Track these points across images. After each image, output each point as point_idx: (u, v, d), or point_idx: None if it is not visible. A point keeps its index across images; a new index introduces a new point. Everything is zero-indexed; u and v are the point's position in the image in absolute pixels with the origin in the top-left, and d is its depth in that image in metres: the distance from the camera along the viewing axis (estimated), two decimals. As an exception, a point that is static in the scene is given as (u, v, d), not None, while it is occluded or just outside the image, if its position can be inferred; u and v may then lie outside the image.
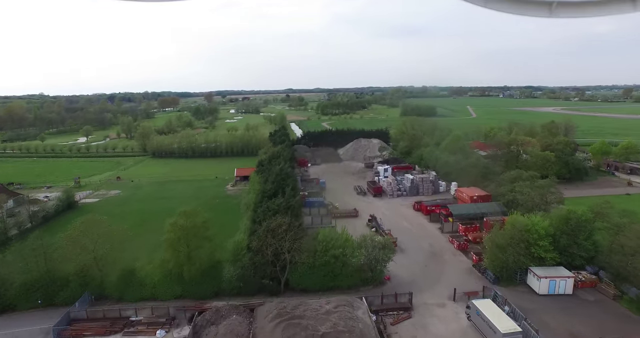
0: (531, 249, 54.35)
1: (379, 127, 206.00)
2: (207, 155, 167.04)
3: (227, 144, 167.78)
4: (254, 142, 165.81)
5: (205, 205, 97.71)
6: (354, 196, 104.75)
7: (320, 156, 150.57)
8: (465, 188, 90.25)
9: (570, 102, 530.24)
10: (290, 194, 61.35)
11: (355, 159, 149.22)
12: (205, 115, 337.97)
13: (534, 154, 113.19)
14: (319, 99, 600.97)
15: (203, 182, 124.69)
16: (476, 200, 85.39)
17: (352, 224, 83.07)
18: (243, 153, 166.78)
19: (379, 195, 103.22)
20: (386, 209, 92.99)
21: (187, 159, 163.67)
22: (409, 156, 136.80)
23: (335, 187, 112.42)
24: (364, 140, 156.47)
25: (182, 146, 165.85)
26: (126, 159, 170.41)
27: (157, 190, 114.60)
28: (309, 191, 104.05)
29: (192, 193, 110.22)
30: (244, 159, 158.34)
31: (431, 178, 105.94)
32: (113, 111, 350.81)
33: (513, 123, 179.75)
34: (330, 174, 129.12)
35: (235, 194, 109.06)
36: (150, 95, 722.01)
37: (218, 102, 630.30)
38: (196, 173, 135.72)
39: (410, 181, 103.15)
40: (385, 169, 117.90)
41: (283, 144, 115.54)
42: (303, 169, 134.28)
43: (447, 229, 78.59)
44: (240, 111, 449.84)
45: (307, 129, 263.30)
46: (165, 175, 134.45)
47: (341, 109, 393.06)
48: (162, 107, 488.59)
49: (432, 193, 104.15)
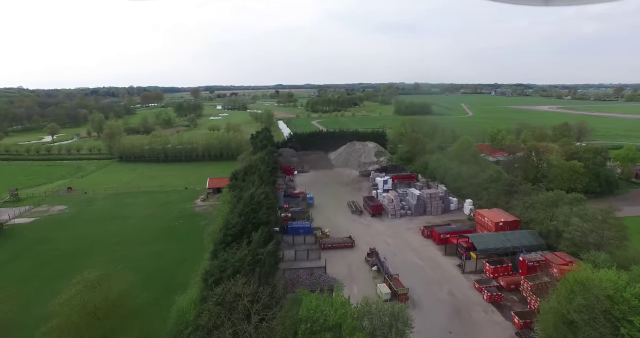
0: (620, 329, 36.13)
1: (374, 128, 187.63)
2: (181, 159, 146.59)
3: (203, 146, 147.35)
4: (234, 145, 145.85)
5: (164, 229, 78.58)
6: (347, 215, 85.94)
7: (308, 162, 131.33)
8: (487, 211, 71.95)
9: (563, 101, 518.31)
10: (260, 239, 42.05)
11: (349, 165, 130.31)
12: (188, 112, 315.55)
13: (559, 163, 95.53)
14: (309, 95, 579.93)
15: (170, 194, 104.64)
16: (502, 227, 67.23)
17: (347, 259, 64.62)
18: (222, 156, 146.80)
19: (378, 214, 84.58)
20: (388, 236, 74.39)
21: (158, 164, 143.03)
22: (411, 163, 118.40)
23: (326, 203, 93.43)
24: (358, 144, 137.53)
25: (153, 149, 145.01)
26: (90, 162, 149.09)
27: (112, 206, 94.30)
28: (293, 209, 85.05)
29: (153, 211, 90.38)
30: (222, 164, 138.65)
31: (441, 193, 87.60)
32: (90, 107, 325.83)
33: (521, 124, 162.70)
34: (320, 185, 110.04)
35: (204, 212, 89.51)
36: (135, 90, 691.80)
37: (205, 97, 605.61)
38: (164, 183, 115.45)
39: (416, 198, 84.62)
40: (385, 180, 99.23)
41: (264, 151, 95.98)
42: (288, 178, 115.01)
43: (469, 268, 60.34)
44: (226, 107, 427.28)
45: (295, 127, 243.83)
46: (128, 185, 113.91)
47: (332, 106, 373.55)
48: (145, 102, 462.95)
49: (442, 212, 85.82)
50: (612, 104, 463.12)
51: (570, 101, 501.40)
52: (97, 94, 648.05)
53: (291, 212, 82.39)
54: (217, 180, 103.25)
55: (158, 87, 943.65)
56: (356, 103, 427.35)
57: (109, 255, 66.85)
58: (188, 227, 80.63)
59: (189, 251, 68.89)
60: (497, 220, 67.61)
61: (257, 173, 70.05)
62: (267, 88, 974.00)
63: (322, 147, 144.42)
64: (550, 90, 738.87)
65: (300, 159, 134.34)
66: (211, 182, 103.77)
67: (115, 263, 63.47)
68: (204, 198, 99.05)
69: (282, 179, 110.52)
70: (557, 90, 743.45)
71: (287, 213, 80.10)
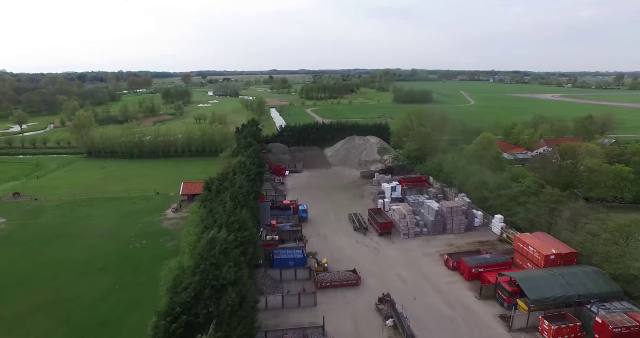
0: None
1: (372, 117, 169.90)
2: (158, 154, 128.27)
3: (184, 140, 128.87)
4: (219, 138, 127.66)
5: (120, 254, 61.72)
6: (349, 233, 69.22)
7: (302, 159, 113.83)
8: (531, 237, 55.33)
9: (564, 89, 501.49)
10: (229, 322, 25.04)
11: (348, 163, 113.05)
12: (175, 99, 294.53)
13: (601, 168, 78.92)
14: (304, 81, 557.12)
15: (137, 201, 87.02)
16: (555, 261, 50.94)
17: (351, 304, 48.40)
18: (204, 152, 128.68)
19: (387, 233, 67.99)
20: (402, 266, 57.88)
21: (132, 160, 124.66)
22: (420, 163, 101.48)
23: (322, 216, 76.51)
24: (358, 138, 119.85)
25: (126, 143, 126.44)
26: (54, 158, 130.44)
27: (63, 220, 76.65)
28: (282, 226, 68.20)
29: (111, 227, 72.94)
30: (204, 161, 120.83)
31: (463, 206, 70.95)
32: (70, 93, 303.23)
33: (538, 117, 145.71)
34: (315, 189, 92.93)
35: (173, 228, 72.34)
36: (124, 74, 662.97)
37: (196, 83, 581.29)
38: (134, 186, 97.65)
39: (434, 213, 67.90)
40: (394, 186, 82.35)
41: (247, 151, 78.18)
42: (278, 181, 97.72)
43: (519, 323, 44.12)
44: (217, 94, 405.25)
45: (289, 116, 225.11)
46: (91, 188, 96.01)
47: (327, 93, 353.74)
48: (132, 88, 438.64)
49: (465, 229, 69.34)
50: (615, 92, 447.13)
51: (572, 89, 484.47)
52: (84, 78, 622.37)
53: (280, 231, 65.46)
54: (192, 185, 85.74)
55: (149, 71, 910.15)
56: (353, 90, 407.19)
57: (34, 298, 49.86)
58: (150, 250, 63.54)
59: (145, 289, 52.20)
60: (548, 252, 51.12)
61: (231, 188, 52.53)
62: (261, 73, 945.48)
63: (318, 142, 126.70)
64: (549, 77, 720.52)
65: (292, 156, 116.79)
66: (186, 188, 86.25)
67: (38, 314, 46.66)
68: (176, 208, 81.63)
69: (271, 183, 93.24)
70: (556, 77, 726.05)
71: (273, 234, 63.05)
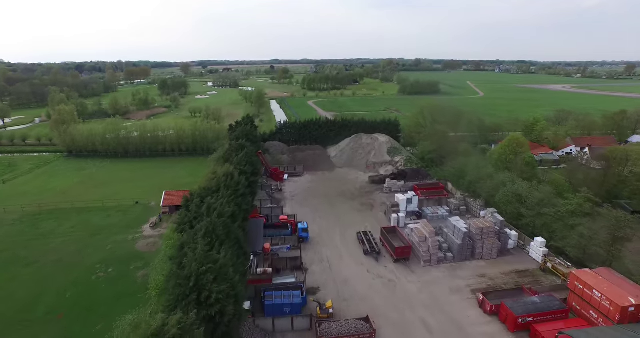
0: None
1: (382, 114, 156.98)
2: (145, 154, 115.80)
3: (173, 138, 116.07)
4: (212, 136, 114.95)
5: (77, 288, 50.10)
6: (358, 258, 57.13)
7: (303, 160, 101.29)
8: (597, 279, 42.66)
9: (573, 79, 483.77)
10: None
11: (354, 165, 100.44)
12: (172, 90, 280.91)
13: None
14: (306, 70, 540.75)
15: (112, 213, 74.95)
16: (635, 314, 38.70)
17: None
18: (195, 151, 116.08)
19: (403, 259, 55.87)
20: (426, 307, 45.82)
21: (116, 160, 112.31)
22: (437, 166, 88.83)
23: (326, 234, 64.36)
24: (365, 137, 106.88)
25: (110, 141, 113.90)
26: (31, 157, 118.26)
27: (18, 239, 64.57)
28: (278, 249, 56.20)
29: (76, 247, 61.08)
30: (194, 161, 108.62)
31: (496, 225, 58.56)
32: (63, 83, 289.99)
33: (562, 111, 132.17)
34: (317, 198, 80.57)
35: (148, 250, 60.38)
36: (124, 65, 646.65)
37: (196, 73, 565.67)
38: (111, 193, 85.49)
39: (462, 236, 55.55)
40: (409, 198, 69.93)
41: (236, 158, 65.59)
42: (275, 187, 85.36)
43: None
44: (217, 84, 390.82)
45: (289, 108, 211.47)
46: (62, 196, 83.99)
47: (330, 84, 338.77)
48: (129, 78, 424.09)
49: (498, 255, 57.08)
50: (628, 82, 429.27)
51: (582, 80, 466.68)
52: (82, 69, 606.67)
53: (274, 258, 53.35)
54: (175, 195, 73.54)
55: (149, 61, 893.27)
56: (356, 80, 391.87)
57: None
58: (116, 283, 51.63)
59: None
60: (625, 303, 38.70)
61: (207, 217, 40.10)
62: (263, 63, 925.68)
63: (320, 140, 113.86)
64: (556, 67, 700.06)
65: (292, 156, 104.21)
66: (167, 198, 74.03)
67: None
68: (155, 222, 69.54)
69: (267, 191, 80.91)
70: (563, 67, 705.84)
71: (266, 265, 50.82)
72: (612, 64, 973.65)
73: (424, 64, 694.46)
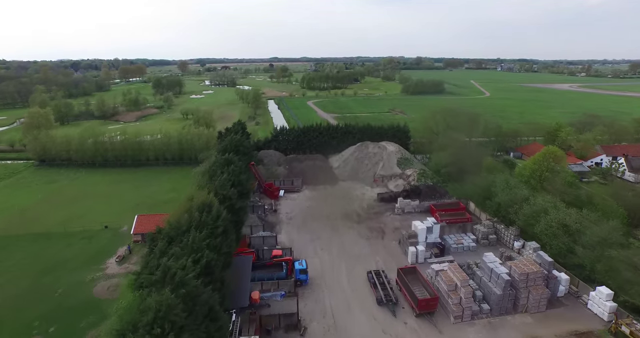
0: None
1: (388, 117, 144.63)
2: (126, 163, 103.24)
3: (157, 146, 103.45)
4: (200, 144, 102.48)
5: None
6: (370, 311, 44.90)
7: (301, 172, 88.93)
8: None
9: (578, 78, 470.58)
10: None
11: (359, 178, 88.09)
12: (166, 90, 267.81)
13: None
14: (305, 69, 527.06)
15: (74, 240, 62.56)
16: None
17: None
18: (182, 161, 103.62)
19: (428, 313, 43.73)
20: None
21: (92, 171, 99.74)
22: (455, 181, 76.51)
23: (328, 273, 52.09)
24: (372, 146, 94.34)
25: (85, 149, 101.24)
26: (0, 166, 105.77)
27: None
28: (270, 296, 44.10)
29: (16, 293, 48.83)
30: (179, 172, 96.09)
31: (544, 266, 46.37)
32: (52, 82, 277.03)
33: (588, 115, 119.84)
34: (318, 220, 68.25)
35: (108, 297, 48.09)
36: (120, 62, 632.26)
37: (193, 71, 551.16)
38: (79, 212, 73.10)
39: (502, 282, 43.31)
40: (429, 227, 57.70)
41: (222, 176, 53.19)
42: (269, 208, 72.95)
43: None
44: (214, 83, 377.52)
45: (288, 108, 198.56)
46: (20, 216, 71.64)
47: (330, 83, 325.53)
48: (124, 77, 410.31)
49: (547, 306, 44.88)
50: (635, 81, 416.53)
51: (588, 79, 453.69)
52: (78, 66, 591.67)
53: (264, 316, 41.17)
54: (150, 220, 61.19)
55: (147, 59, 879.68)
56: (357, 79, 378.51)
57: None
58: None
59: None
60: None
61: (160, 295, 27.60)
62: (262, 61, 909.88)
63: (321, 148, 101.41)
64: (558, 66, 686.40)
65: (289, 167, 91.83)
66: (140, 223, 61.71)
67: None
68: (122, 256, 57.21)
69: (258, 213, 68.60)
70: (565, 66, 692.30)
71: (252, 331, 38.57)
72: (614, 63, 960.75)
73: (425, 63, 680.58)
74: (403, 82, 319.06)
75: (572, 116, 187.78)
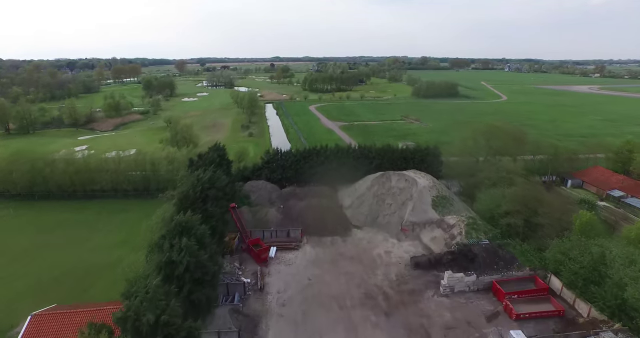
0: None
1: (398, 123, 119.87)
2: (75, 194, 78.59)
3: (115, 172, 78.61)
4: (166, 172, 77.66)
5: None
6: None
7: (301, 215, 64.13)
8: None
9: (592, 79, 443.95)
10: None
11: (381, 223, 63.30)
12: (156, 92, 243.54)
13: None
14: (307, 69, 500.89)
15: None
16: None
17: None
18: (147, 192, 78.82)
19: None
20: None
21: (26, 206, 75.06)
22: (519, 237, 51.77)
23: None
24: (396, 178, 69.11)
25: (21, 176, 76.58)
26: None
27: None
28: None
29: None
30: (143, 207, 70.72)
31: None
32: (34, 83, 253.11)
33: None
34: (325, 309, 43.63)
35: None
36: (118, 61, 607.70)
37: (191, 71, 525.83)
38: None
39: None
40: None
41: (182, 241, 29.02)
42: (252, 281, 48.23)
43: None
44: (210, 84, 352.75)
45: (288, 115, 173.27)
46: None
47: (334, 84, 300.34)
48: (117, 77, 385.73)
49: None
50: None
51: (603, 80, 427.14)
52: (73, 66, 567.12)
53: None
54: (52, 321, 36.72)
55: (147, 59, 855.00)
56: (362, 80, 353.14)
57: None
58: None
59: None
60: None
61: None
62: (263, 60, 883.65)
63: (326, 176, 76.34)
64: (566, 66, 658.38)
65: (284, 206, 67.11)
66: (34, 329, 37.10)
67: None
68: None
69: (229, 312, 43.95)
70: (573, 66, 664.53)
71: None
72: (620, 62, 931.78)
73: (431, 63, 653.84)
74: (412, 84, 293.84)
75: (612, 125, 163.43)
